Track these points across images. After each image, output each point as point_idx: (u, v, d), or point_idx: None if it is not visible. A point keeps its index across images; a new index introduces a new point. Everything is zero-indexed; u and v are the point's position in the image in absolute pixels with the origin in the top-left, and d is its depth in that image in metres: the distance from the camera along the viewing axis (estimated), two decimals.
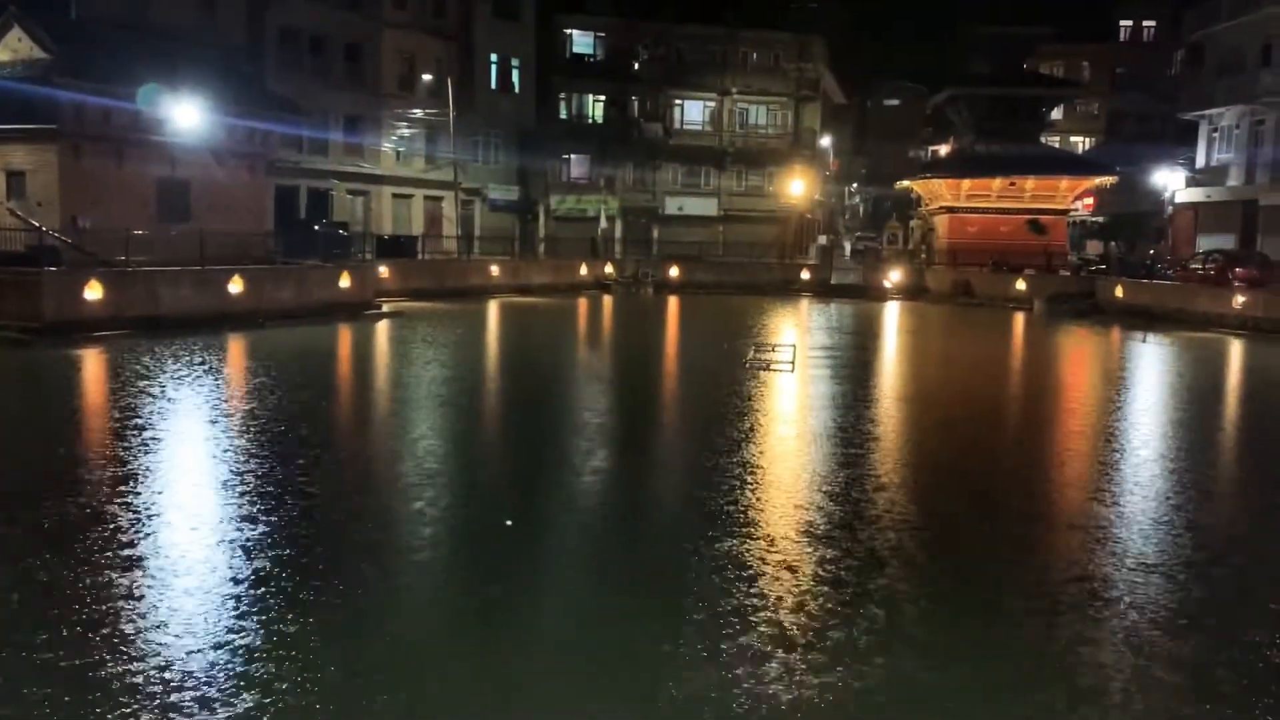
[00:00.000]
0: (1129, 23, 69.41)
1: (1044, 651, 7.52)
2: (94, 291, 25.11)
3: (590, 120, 58.77)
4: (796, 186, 58.39)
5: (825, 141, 68.17)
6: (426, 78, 47.45)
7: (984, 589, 8.89)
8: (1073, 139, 68.54)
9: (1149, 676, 7.09)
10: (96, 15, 33.81)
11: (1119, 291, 39.76)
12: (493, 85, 52.39)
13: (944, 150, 64.11)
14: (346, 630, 7.52)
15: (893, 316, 40.75)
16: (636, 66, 57.74)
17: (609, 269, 49.50)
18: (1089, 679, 7.03)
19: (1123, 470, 13.57)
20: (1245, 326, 32.54)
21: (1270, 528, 11.06)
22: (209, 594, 8.07)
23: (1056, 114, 62.56)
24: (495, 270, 44.73)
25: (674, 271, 49.56)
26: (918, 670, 7.13)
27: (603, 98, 58.30)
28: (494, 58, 52.18)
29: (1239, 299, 33.77)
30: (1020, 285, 43.76)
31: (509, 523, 10.32)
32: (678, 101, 59.16)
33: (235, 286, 28.47)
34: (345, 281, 32.36)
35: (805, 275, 51.20)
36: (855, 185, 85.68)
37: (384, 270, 37.57)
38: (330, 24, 43.65)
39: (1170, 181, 50.76)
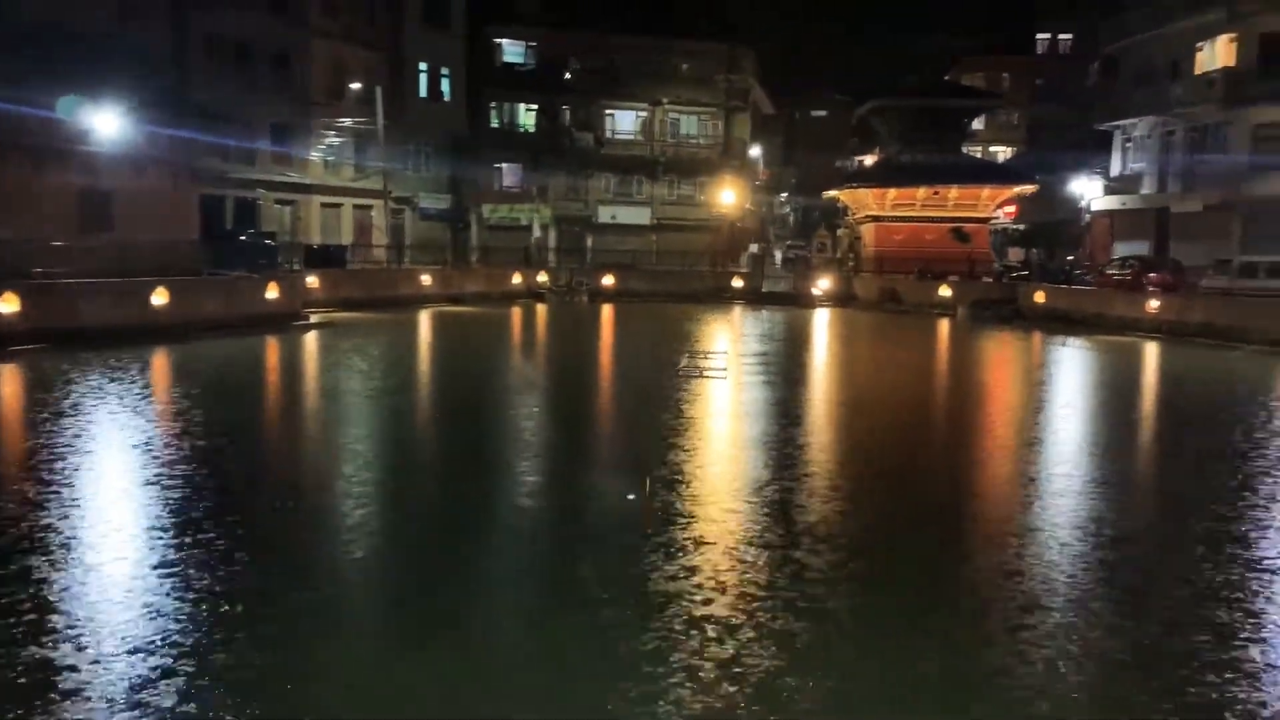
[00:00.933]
0: (1046, 36, 71.46)
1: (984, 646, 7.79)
2: (9, 304, 24.42)
3: (522, 129, 58.78)
4: (727, 196, 59.01)
5: (755, 151, 69.03)
6: (355, 86, 47.00)
7: (917, 588, 9.15)
8: (994, 149, 70.27)
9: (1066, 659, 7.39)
10: (12, 21, 32.91)
11: (1039, 297, 40.87)
12: (423, 94, 52.08)
13: (870, 160, 65.31)
14: (288, 655, 7.50)
15: (823, 323, 41.38)
16: (568, 76, 57.88)
17: (543, 278, 49.46)
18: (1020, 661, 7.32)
19: (1044, 468, 14.02)
20: (1159, 330, 33.70)
21: (1175, 519, 11.52)
22: (128, 630, 7.97)
23: (978, 124, 64.07)
24: (427, 279, 44.42)
25: (608, 280, 49.69)
26: (871, 674, 7.32)
27: (534, 107, 58.37)
28: (424, 67, 51.89)
29: (1153, 304, 34.95)
30: (945, 292, 44.72)
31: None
32: (609, 111, 59.43)
33: (159, 298, 27.89)
34: (273, 292, 31.89)
35: (737, 283, 51.70)
36: (785, 194, 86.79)
37: (313, 280, 37.08)
38: (256, 32, 43.03)
39: (1088, 190, 52.35)
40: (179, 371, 22.42)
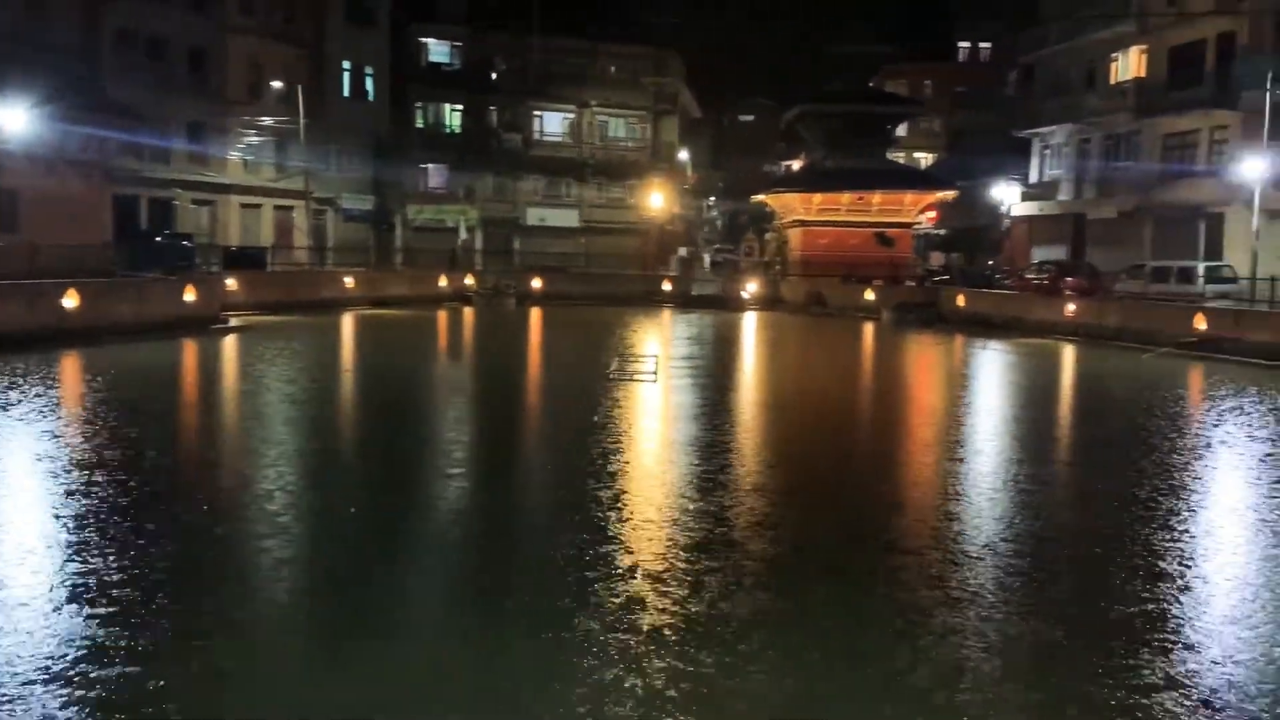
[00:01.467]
0: (967, 44, 73.08)
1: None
2: None
3: (448, 130, 58.19)
4: (656, 199, 59.09)
5: (683, 155, 69.26)
6: (276, 84, 46.05)
7: (850, 588, 9.17)
8: (916, 155, 71.55)
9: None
10: None
11: (961, 301, 41.66)
12: (346, 93, 51.26)
13: (796, 165, 65.98)
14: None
15: (750, 327, 41.64)
16: (495, 77, 57.47)
17: (469, 280, 48.93)
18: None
19: (963, 464, 14.22)
20: (1076, 333, 34.56)
21: (1094, 516, 11.75)
22: (37, 654, 7.59)
23: (901, 130, 65.13)
24: (350, 282, 43.66)
25: (536, 283, 49.38)
26: (813, 674, 7.28)
27: (460, 107, 57.83)
28: (347, 65, 51.07)
29: (1070, 307, 35.84)
30: (869, 295, 45.33)
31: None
32: (537, 113, 59.13)
33: (70, 301, 26.92)
34: (190, 295, 31.03)
35: (666, 286, 51.82)
36: (713, 199, 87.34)
37: (231, 283, 36.19)
38: (171, 27, 41.91)
39: (1007, 196, 53.53)
40: (90, 377, 21.62)
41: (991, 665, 7.47)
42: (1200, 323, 30.08)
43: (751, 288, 50.66)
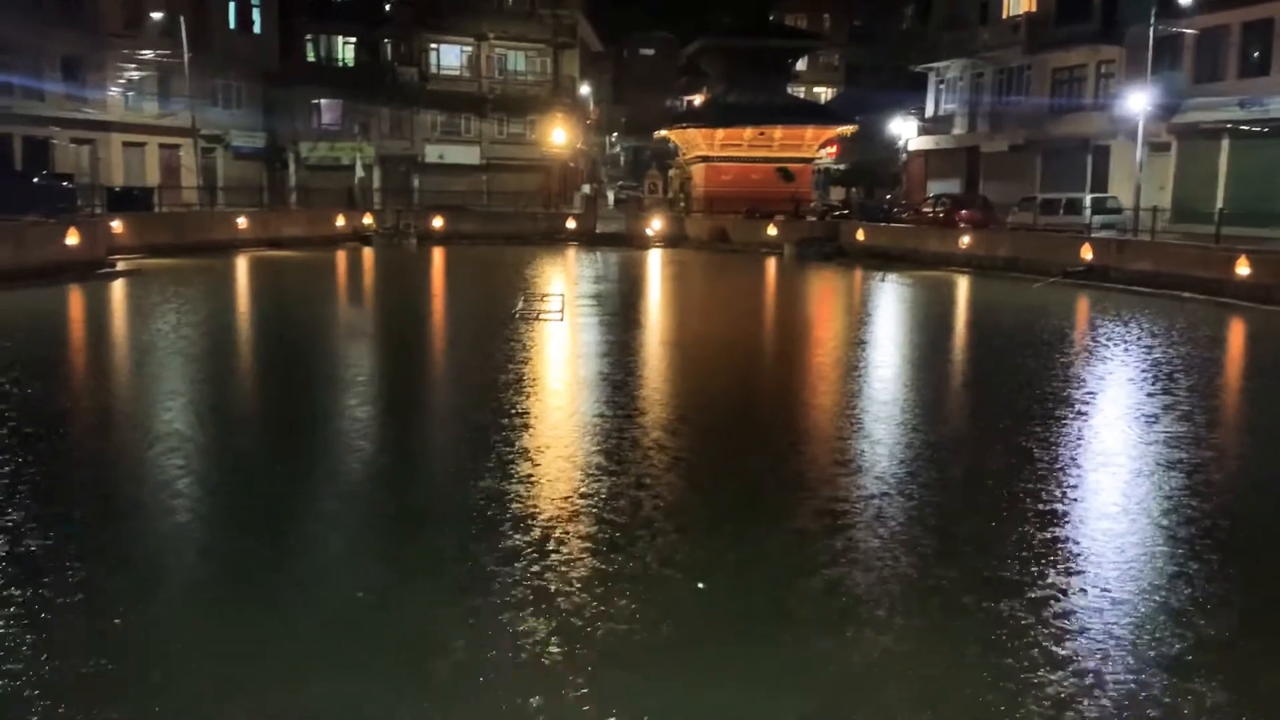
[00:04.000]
0: None
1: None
2: None
3: (340, 63, 56.37)
4: (558, 135, 58.35)
5: (585, 90, 68.40)
6: (156, 16, 43.83)
7: (763, 520, 9.43)
8: (816, 89, 72.02)
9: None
10: None
11: (860, 235, 42.42)
12: (232, 25, 49.16)
13: (698, 100, 65.79)
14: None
15: (656, 263, 41.75)
16: (388, 8, 55.71)
17: (368, 220, 47.87)
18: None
19: (864, 393, 14.65)
20: (970, 264, 35.58)
21: (987, 439, 12.28)
22: None
23: (801, 65, 65.41)
24: (242, 223, 42.32)
25: (437, 222, 48.57)
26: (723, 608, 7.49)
27: (353, 40, 56.04)
28: None
29: (964, 239, 36.82)
30: (771, 231, 45.81)
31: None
32: (434, 45, 57.62)
33: None
34: (73, 239, 29.72)
35: (571, 224, 51.50)
36: (616, 135, 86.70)
37: (117, 225, 34.77)
38: None
39: (904, 130, 54.42)
40: None
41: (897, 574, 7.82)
42: (1087, 253, 31.25)
43: (656, 225, 50.69)
